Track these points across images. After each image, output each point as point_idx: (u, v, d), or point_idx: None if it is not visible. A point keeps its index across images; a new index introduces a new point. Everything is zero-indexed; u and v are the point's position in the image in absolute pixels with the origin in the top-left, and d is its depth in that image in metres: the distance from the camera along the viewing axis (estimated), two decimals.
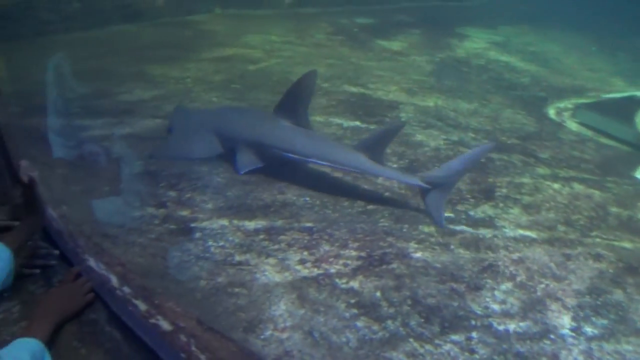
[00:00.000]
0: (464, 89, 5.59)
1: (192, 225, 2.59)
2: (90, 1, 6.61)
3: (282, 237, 2.69)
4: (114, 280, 1.73)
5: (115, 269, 1.78)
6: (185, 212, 2.69)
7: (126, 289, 1.70)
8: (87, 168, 2.87)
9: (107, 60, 5.40)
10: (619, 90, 6.21)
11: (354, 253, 2.61)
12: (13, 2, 5.93)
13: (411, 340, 2.11)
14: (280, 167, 3.26)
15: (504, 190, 3.48)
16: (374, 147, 3.04)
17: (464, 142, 4.19)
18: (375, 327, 2.15)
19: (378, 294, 2.34)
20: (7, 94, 3.08)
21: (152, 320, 1.60)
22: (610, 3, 9.40)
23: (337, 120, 4.30)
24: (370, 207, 3.08)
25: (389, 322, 2.18)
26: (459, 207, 3.20)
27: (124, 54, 5.68)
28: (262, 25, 7.56)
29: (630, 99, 5.64)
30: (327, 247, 2.63)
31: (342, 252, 2.61)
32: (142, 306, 1.65)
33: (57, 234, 1.99)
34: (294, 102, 3.18)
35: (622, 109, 5.13)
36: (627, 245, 3.04)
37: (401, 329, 2.16)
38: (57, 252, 1.77)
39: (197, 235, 2.52)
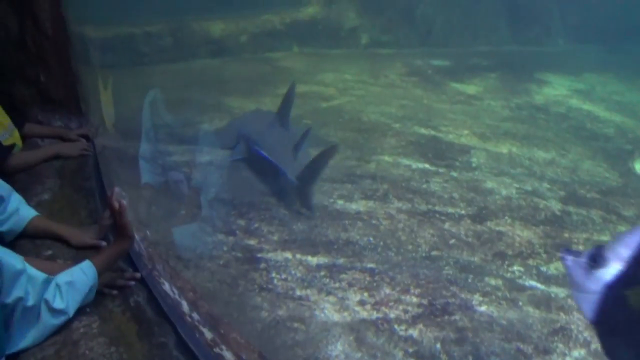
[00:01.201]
0: (541, 137, 5.39)
1: (258, 255, 2.68)
2: (181, 36, 7.20)
3: (344, 275, 2.70)
4: (185, 306, 1.82)
5: (187, 295, 1.88)
6: (252, 242, 2.79)
7: (195, 316, 1.79)
8: (168, 192, 3.08)
9: (192, 90, 5.81)
10: None
11: (415, 299, 2.56)
12: (115, 34, 6.61)
13: None
14: (344, 204, 3.30)
15: (581, 248, 3.27)
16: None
17: (539, 192, 4.02)
18: None
19: (438, 345, 2.27)
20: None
21: (217, 350, 1.66)
22: None
23: (406, 162, 4.30)
24: (435, 253, 3.02)
25: None
26: (530, 262, 3.05)
27: (207, 86, 6.09)
28: (337, 64, 7.81)
29: None
30: (388, 291, 2.61)
31: (403, 297, 2.57)
32: (208, 334, 1.72)
33: (136, 255, 2.14)
34: (281, 109, 4.08)
35: None
36: None
37: None
38: (139, 275, 1.90)
39: (262, 265, 2.60)
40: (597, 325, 1.13)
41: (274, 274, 2.60)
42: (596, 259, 1.11)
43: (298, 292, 2.49)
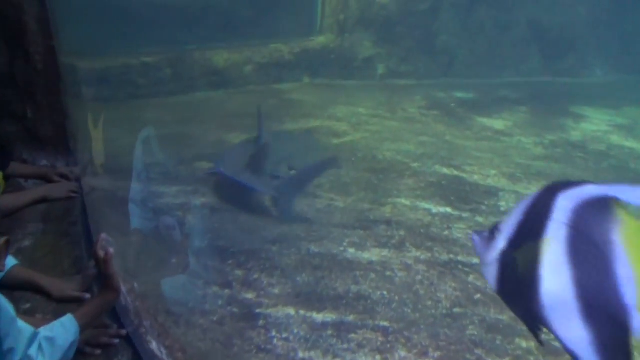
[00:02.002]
0: (579, 178, 5.38)
1: (257, 310, 2.69)
2: (181, 67, 7.46)
3: (353, 335, 2.68)
4: None
5: (176, 355, 1.89)
6: (250, 295, 2.81)
7: None
8: (159, 239, 3.13)
9: (191, 126, 5.97)
10: None
11: None
12: (110, 65, 6.87)
13: None
14: (356, 253, 3.31)
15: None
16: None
17: None
18: None
19: None
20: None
21: None
22: None
23: (425, 205, 4.32)
24: (457, 310, 2.99)
25: None
26: None
27: (207, 121, 6.25)
28: (351, 96, 7.98)
29: None
30: (403, 353, 2.58)
31: None
32: None
33: (122, 310, 2.16)
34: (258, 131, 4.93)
35: None
36: None
37: None
38: (124, 332, 1.92)
39: (261, 322, 2.60)
40: (500, 294, 1.30)
41: (274, 333, 2.59)
42: (494, 232, 1.27)
43: (301, 354, 2.48)
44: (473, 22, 9.59)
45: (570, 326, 1.16)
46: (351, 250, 3.48)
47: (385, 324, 2.81)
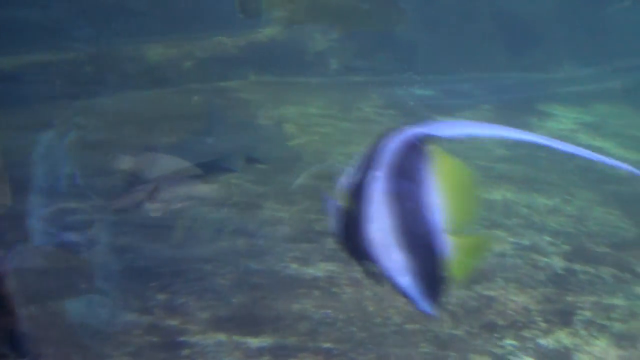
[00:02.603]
0: (543, 181, 5.56)
1: (181, 339, 2.63)
2: (105, 64, 7.29)
3: None
4: None
5: None
6: (174, 322, 2.75)
7: None
8: (66, 259, 3.03)
9: (113, 131, 5.83)
10: None
11: None
12: (23, 64, 6.66)
13: None
14: (299, 269, 3.31)
15: (587, 314, 3.33)
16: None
17: (538, 247, 4.10)
18: None
19: None
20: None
21: None
22: None
23: None
24: (409, 326, 3.02)
25: None
26: (525, 333, 3.08)
27: (137, 125, 6.12)
28: (302, 94, 7.99)
29: None
30: None
31: None
32: None
33: (20, 337, 2.08)
34: None
35: None
36: None
37: None
38: None
39: (184, 352, 2.56)
40: (336, 239, 1.54)
41: None
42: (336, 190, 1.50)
43: None
44: (433, 12, 9.80)
45: (391, 256, 1.41)
46: (294, 266, 3.47)
47: (329, 345, 2.80)
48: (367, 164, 1.40)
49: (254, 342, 2.76)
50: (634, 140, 7.43)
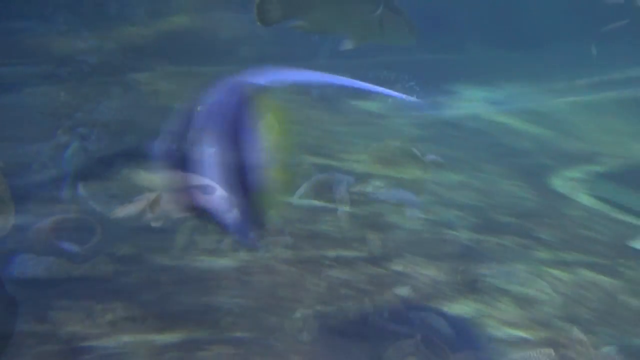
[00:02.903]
0: (451, 157, 5.76)
1: (82, 344, 2.51)
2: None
3: (202, 352, 2.61)
4: None
5: None
6: (75, 327, 2.62)
7: None
8: None
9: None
10: None
11: None
12: None
13: None
14: (209, 260, 3.25)
15: (492, 281, 3.49)
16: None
17: (446, 221, 4.24)
18: None
19: None
20: None
21: None
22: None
23: (290, 199, 4.35)
24: (320, 307, 3.04)
25: None
26: (433, 303, 3.18)
27: (23, 125, 5.77)
28: (211, 84, 7.82)
29: None
30: None
31: None
32: None
33: None
34: None
35: None
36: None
37: None
38: None
39: (86, 357, 2.44)
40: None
41: None
42: None
43: None
44: None
45: (215, 194, 1.54)
46: (203, 258, 3.39)
47: (241, 334, 2.77)
48: (191, 112, 1.59)
49: (160, 338, 2.67)
50: (537, 115, 7.85)
